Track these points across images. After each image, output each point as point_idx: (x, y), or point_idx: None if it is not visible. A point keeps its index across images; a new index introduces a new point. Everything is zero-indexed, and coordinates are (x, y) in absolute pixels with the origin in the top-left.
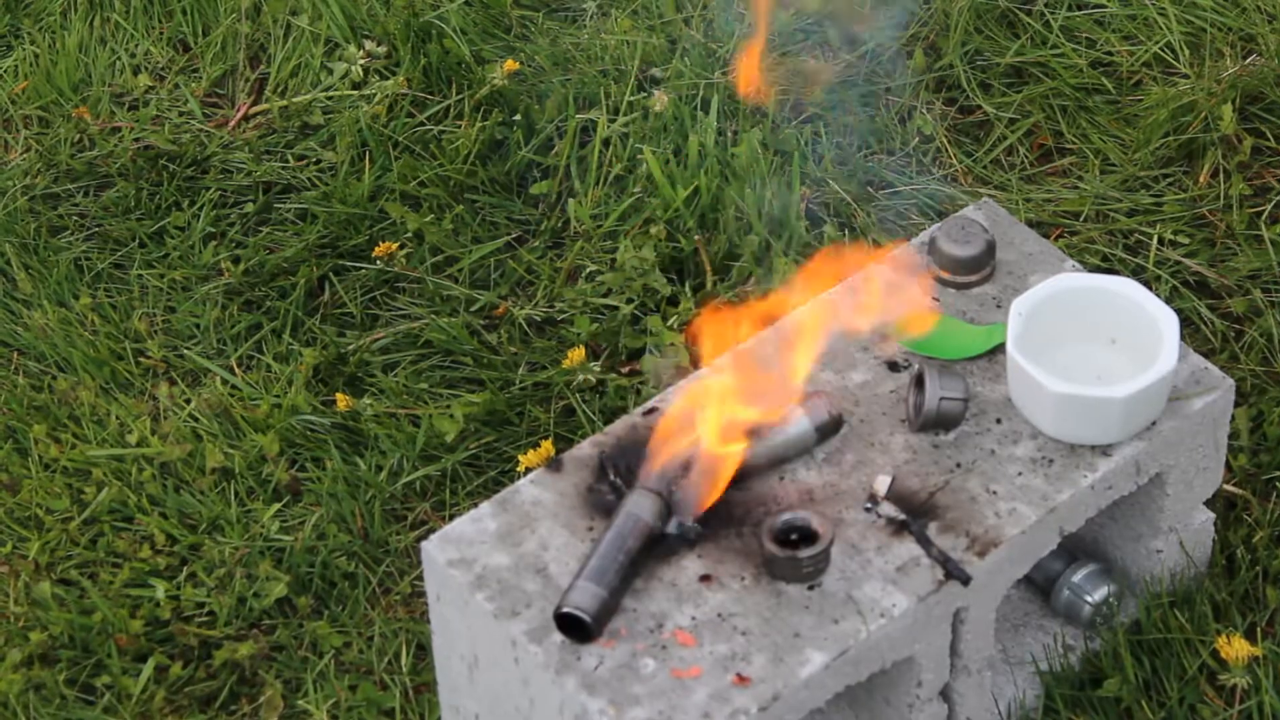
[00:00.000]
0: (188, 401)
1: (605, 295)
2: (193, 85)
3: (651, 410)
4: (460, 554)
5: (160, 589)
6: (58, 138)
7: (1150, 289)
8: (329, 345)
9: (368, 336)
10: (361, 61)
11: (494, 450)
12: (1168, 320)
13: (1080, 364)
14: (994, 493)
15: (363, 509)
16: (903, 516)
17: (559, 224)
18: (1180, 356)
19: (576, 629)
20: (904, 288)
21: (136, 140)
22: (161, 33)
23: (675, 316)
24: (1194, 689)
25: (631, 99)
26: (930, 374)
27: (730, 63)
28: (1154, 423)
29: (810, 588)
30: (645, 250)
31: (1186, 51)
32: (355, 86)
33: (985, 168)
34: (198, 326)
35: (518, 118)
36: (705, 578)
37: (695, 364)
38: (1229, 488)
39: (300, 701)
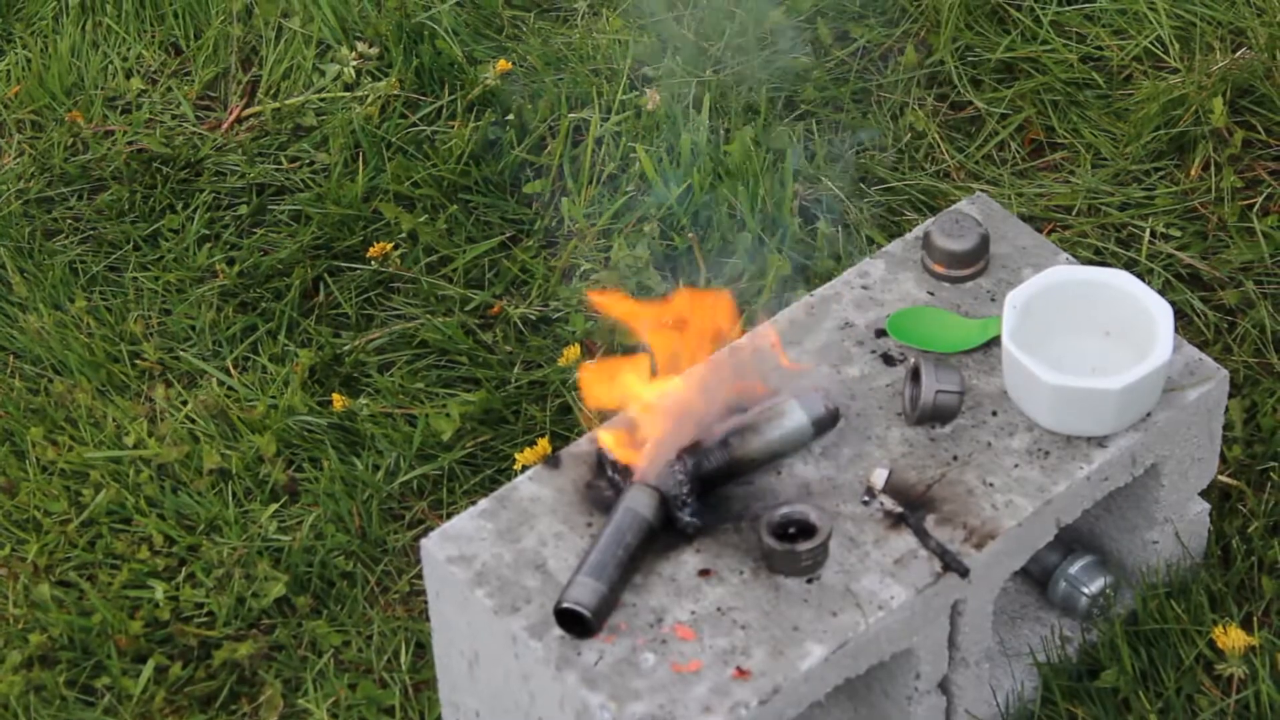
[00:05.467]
0: (184, 403)
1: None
2: (185, 88)
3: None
4: (459, 551)
5: (159, 590)
6: (51, 142)
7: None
8: (324, 346)
9: (363, 337)
10: (354, 63)
11: (490, 449)
12: (1162, 311)
13: (1075, 356)
14: (990, 485)
15: (360, 508)
16: (900, 509)
17: (553, 223)
18: (1174, 348)
19: (576, 624)
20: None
21: (130, 143)
22: (153, 36)
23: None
24: (1191, 679)
25: (624, 98)
26: (926, 367)
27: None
28: (1149, 414)
29: (809, 581)
30: (639, 248)
31: (1176, 45)
32: (348, 88)
33: (977, 163)
34: (193, 328)
35: (510, 118)
36: (704, 572)
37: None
38: (1224, 479)
39: (300, 700)
